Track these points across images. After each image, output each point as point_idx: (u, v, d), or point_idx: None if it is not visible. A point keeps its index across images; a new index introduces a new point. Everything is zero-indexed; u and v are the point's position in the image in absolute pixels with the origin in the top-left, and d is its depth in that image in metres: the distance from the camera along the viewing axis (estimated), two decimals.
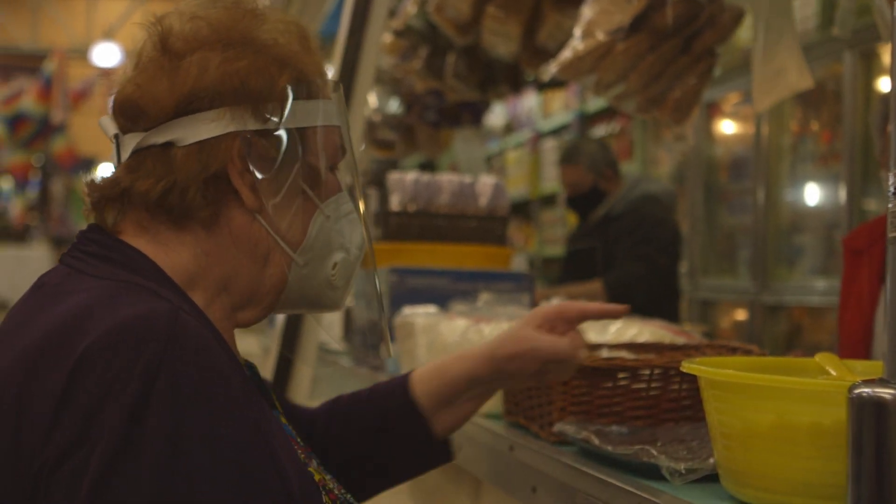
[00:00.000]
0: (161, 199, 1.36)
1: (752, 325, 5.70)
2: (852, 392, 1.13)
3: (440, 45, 4.39)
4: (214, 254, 1.40)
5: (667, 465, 1.57)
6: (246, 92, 1.37)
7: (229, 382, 1.26)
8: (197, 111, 1.37)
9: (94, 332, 1.22)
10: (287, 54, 1.41)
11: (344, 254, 1.48)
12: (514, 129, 9.08)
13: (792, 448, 1.35)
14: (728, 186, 6.22)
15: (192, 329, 1.25)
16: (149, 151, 1.37)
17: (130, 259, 1.36)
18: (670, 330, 2.41)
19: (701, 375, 1.46)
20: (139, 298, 1.28)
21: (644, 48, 2.85)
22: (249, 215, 1.40)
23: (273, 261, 1.43)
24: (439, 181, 3.42)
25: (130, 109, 1.39)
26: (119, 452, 1.17)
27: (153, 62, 1.39)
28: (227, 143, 1.37)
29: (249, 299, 1.44)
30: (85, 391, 1.19)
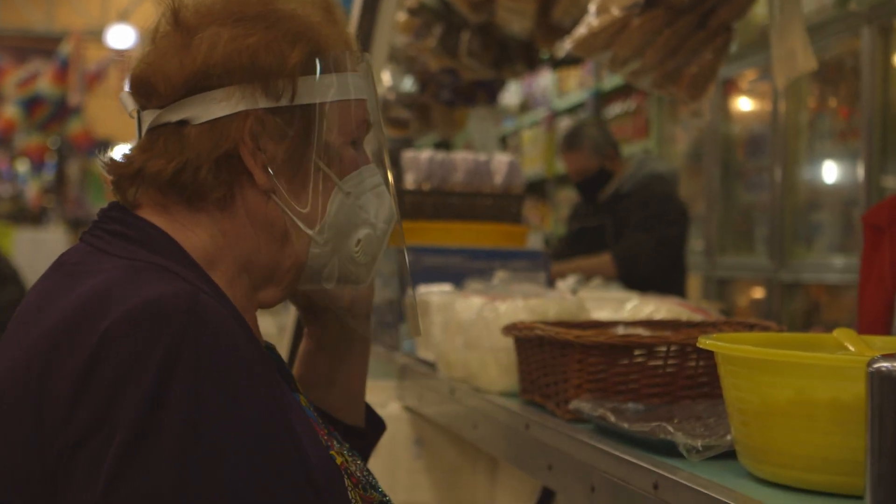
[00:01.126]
0: (173, 178, 1.35)
1: (769, 303, 5.67)
2: (871, 366, 1.12)
3: (454, 22, 4.36)
4: (231, 234, 1.38)
5: (684, 441, 1.56)
6: (256, 69, 1.35)
7: (250, 364, 1.25)
8: (208, 89, 1.35)
9: (115, 313, 1.21)
10: (305, 27, 1.38)
11: (369, 229, 1.45)
12: (530, 107, 9.04)
13: (811, 424, 1.34)
14: (745, 164, 6.18)
15: (212, 310, 1.24)
16: (163, 129, 1.36)
17: (151, 238, 1.35)
18: (687, 307, 2.40)
19: (718, 351, 1.45)
20: (159, 279, 1.27)
21: (660, 24, 2.82)
22: (264, 195, 1.38)
23: (291, 240, 1.40)
24: (454, 159, 3.41)
25: (143, 86, 1.38)
26: (140, 434, 1.16)
27: (165, 38, 1.38)
28: (239, 122, 1.35)
29: (269, 278, 1.43)
30: (105, 373, 1.18)
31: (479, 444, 2.38)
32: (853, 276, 4.98)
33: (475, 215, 3.37)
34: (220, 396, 1.20)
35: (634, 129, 7.21)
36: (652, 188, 4.92)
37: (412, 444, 3.05)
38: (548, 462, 1.92)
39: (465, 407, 2.42)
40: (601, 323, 2.20)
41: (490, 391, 2.31)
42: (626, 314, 2.40)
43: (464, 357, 2.42)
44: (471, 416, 2.38)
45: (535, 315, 2.29)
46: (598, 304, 2.49)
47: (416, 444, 3.05)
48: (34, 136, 15.32)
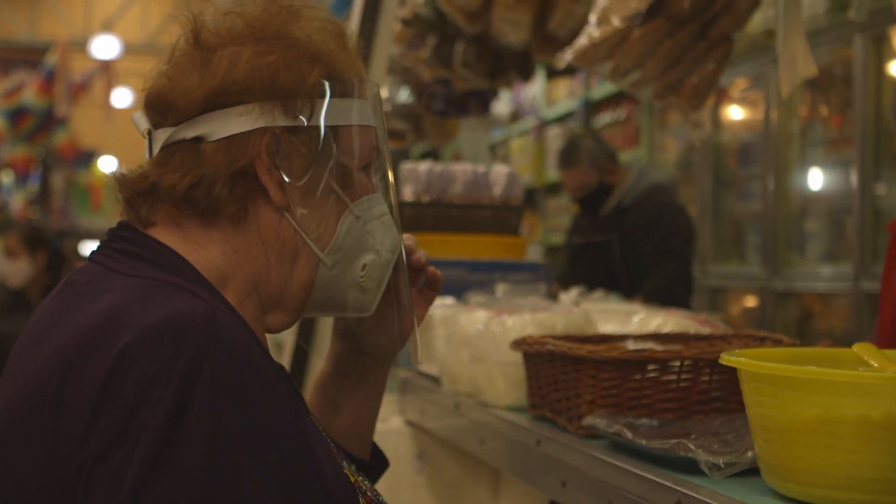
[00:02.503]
0: (188, 193, 1.35)
1: (763, 312, 5.67)
2: None
3: (448, 33, 4.35)
4: (243, 251, 1.38)
5: (705, 459, 1.55)
6: (275, 87, 1.36)
7: (269, 380, 1.25)
8: (226, 105, 1.35)
9: (132, 329, 1.20)
10: (321, 51, 1.39)
11: (374, 255, 1.45)
12: (518, 116, 9.04)
13: (838, 442, 1.32)
14: (736, 173, 6.18)
15: (230, 327, 1.24)
16: (178, 146, 1.36)
17: (162, 257, 1.34)
18: (694, 320, 2.39)
19: (742, 368, 1.43)
20: (175, 297, 1.26)
21: (661, 34, 2.81)
22: (277, 213, 1.38)
23: (301, 261, 1.41)
24: (453, 171, 3.39)
25: (161, 103, 1.38)
26: (161, 451, 1.16)
27: (185, 56, 1.38)
28: (256, 138, 1.35)
29: (278, 301, 1.42)
30: (125, 389, 1.18)
31: (486, 459, 2.36)
32: (846, 284, 5.00)
33: (474, 227, 3.35)
34: (239, 412, 1.20)
35: (625, 138, 7.21)
36: (656, 200, 4.88)
37: (414, 458, 3.04)
38: (561, 478, 1.90)
39: (470, 421, 2.40)
40: (610, 337, 2.18)
41: (497, 406, 2.30)
42: (634, 327, 2.38)
43: (470, 371, 2.41)
44: (477, 431, 2.36)
45: (542, 329, 2.27)
46: (604, 317, 2.48)
47: (417, 458, 3.03)
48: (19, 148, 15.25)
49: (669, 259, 4.68)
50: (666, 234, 4.74)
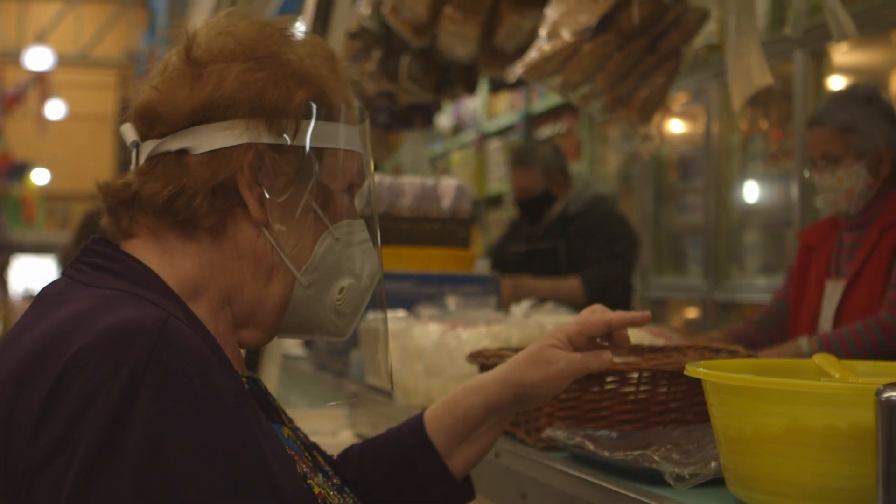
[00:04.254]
0: (167, 203, 1.36)
1: (704, 323, 5.72)
2: (881, 396, 1.12)
3: (394, 46, 4.35)
4: (218, 264, 1.38)
5: (670, 470, 1.55)
6: (262, 104, 1.36)
7: (217, 388, 1.24)
8: (213, 120, 1.36)
9: (83, 337, 1.21)
10: (311, 74, 1.40)
11: (353, 279, 1.45)
12: (459, 130, 9.06)
13: (805, 451, 1.33)
14: (677, 186, 6.24)
15: (181, 334, 1.23)
16: (163, 157, 1.37)
17: (130, 269, 1.35)
18: (648, 331, 2.40)
19: (706, 379, 1.44)
20: (130, 305, 1.26)
21: (611, 48, 2.84)
22: (256, 228, 1.39)
23: (276, 278, 1.41)
24: (401, 184, 3.39)
25: (149, 114, 1.39)
26: (100, 456, 1.15)
27: (177, 71, 1.39)
28: (239, 153, 1.36)
29: (251, 317, 1.42)
30: (70, 395, 1.18)
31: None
32: None
33: (423, 240, 3.35)
34: (184, 417, 1.19)
35: (566, 151, 7.22)
36: (601, 209, 4.91)
37: None
38: (521, 491, 1.90)
39: None
40: None
41: None
42: None
43: (424, 384, 2.40)
44: None
45: (498, 341, 2.28)
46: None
47: None
48: None
49: (612, 259, 4.73)
50: (610, 238, 4.78)
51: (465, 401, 1.61)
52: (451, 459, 1.62)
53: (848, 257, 3.11)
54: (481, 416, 1.61)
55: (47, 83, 15.41)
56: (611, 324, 1.57)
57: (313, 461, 1.46)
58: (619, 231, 4.86)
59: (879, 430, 1.11)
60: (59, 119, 18.03)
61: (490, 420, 1.61)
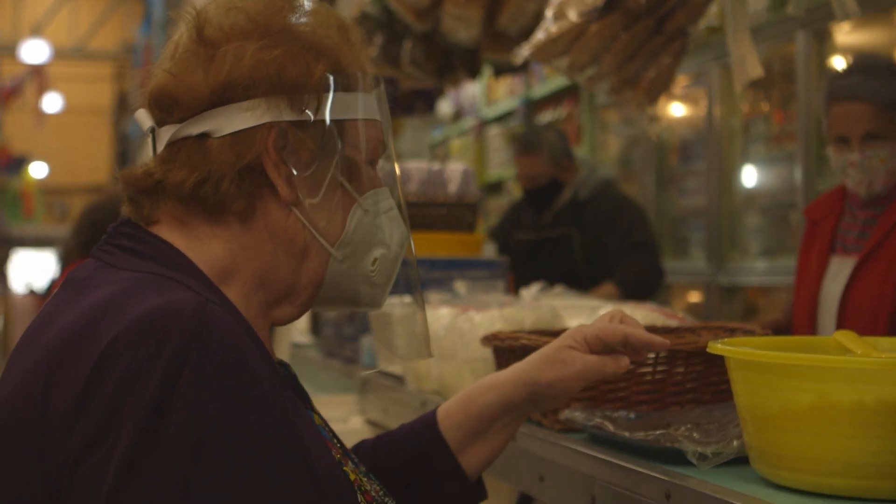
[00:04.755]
0: (194, 190, 1.33)
1: (707, 307, 5.71)
2: None
3: (397, 31, 4.33)
4: (250, 248, 1.36)
5: (692, 449, 1.54)
6: (281, 81, 1.34)
7: (257, 375, 1.22)
8: (232, 101, 1.33)
9: (119, 323, 1.18)
10: (326, 45, 1.37)
11: (384, 249, 1.43)
12: (458, 116, 9.04)
13: (832, 428, 1.32)
14: (679, 169, 6.22)
15: (219, 320, 1.21)
16: (183, 143, 1.34)
17: (161, 252, 1.32)
18: (661, 313, 2.39)
19: (732, 356, 1.43)
20: (167, 290, 1.24)
21: (617, 29, 2.82)
22: (285, 208, 1.36)
23: (311, 255, 1.39)
24: (408, 169, 3.37)
25: (165, 99, 1.36)
26: (142, 447, 1.13)
27: (188, 52, 1.36)
28: (263, 133, 1.33)
29: (286, 295, 1.40)
30: (108, 384, 1.15)
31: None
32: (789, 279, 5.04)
33: (430, 225, 3.33)
34: (224, 405, 1.17)
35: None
36: (611, 194, 4.83)
37: None
38: (539, 473, 1.89)
39: None
40: None
41: None
42: None
43: (437, 369, 2.39)
44: None
45: (511, 324, 2.26)
46: (572, 312, 2.47)
47: None
48: None
49: (641, 251, 4.65)
50: (630, 226, 4.68)
51: (479, 399, 1.60)
52: (464, 457, 1.60)
53: (860, 234, 3.00)
54: (495, 415, 1.59)
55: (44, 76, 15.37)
56: (628, 340, 1.55)
57: (342, 448, 1.45)
58: (636, 217, 4.77)
59: None
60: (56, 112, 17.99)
61: (504, 419, 1.60)
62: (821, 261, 3.08)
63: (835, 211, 3.10)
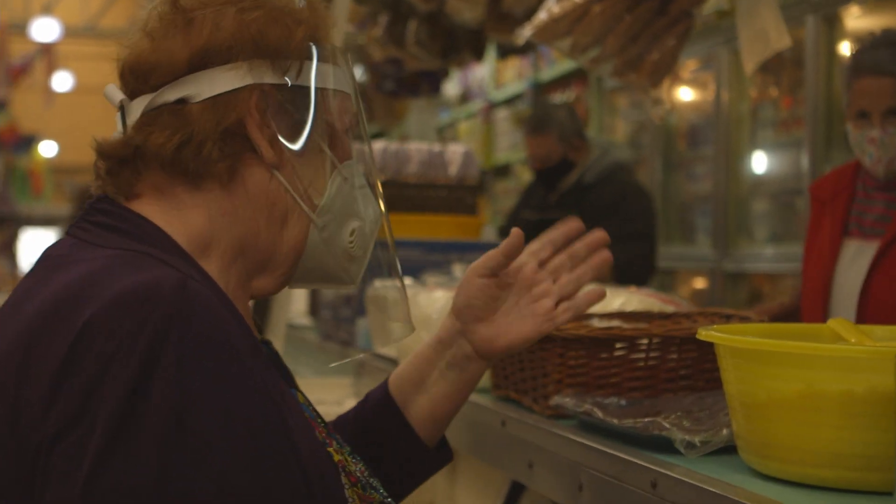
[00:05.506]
0: (176, 153, 1.31)
1: (712, 293, 5.67)
2: None
3: (401, 11, 4.29)
4: (230, 213, 1.34)
5: (680, 437, 1.51)
6: (264, 43, 1.33)
7: (239, 353, 1.19)
8: (212, 65, 1.32)
9: (98, 301, 1.16)
10: (302, 13, 1.37)
11: (360, 222, 1.42)
12: (467, 99, 9.00)
13: (820, 418, 1.29)
14: (686, 154, 6.17)
15: (201, 297, 1.19)
16: (161, 109, 1.32)
17: (138, 228, 1.30)
18: (657, 298, 2.36)
19: (721, 343, 1.40)
20: (146, 266, 1.22)
21: (620, 10, 2.79)
22: (267, 172, 1.35)
23: (292, 222, 1.37)
24: (408, 150, 3.34)
25: (142, 67, 1.34)
26: (121, 427, 1.11)
27: (164, 20, 1.34)
28: (245, 95, 1.32)
29: (266, 264, 1.39)
30: (87, 362, 1.13)
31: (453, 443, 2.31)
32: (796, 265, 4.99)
33: (430, 207, 3.30)
34: (206, 386, 1.15)
35: None
36: (617, 180, 4.69)
37: None
38: (528, 460, 1.86)
39: None
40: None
41: None
42: (597, 306, 2.34)
43: None
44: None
45: None
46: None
47: None
48: None
49: (634, 241, 4.54)
50: (628, 216, 4.55)
51: (421, 344, 1.61)
52: (409, 411, 1.59)
53: (881, 217, 2.86)
54: (431, 354, 1.59)
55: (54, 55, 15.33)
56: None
57: (326, 427, 1.43)
58: (638, 206, 4.63)
59: None
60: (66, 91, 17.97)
61: (440, 362, 1.59)
62: (834, 243, 2.95)
63: (846, 190, 2.96)
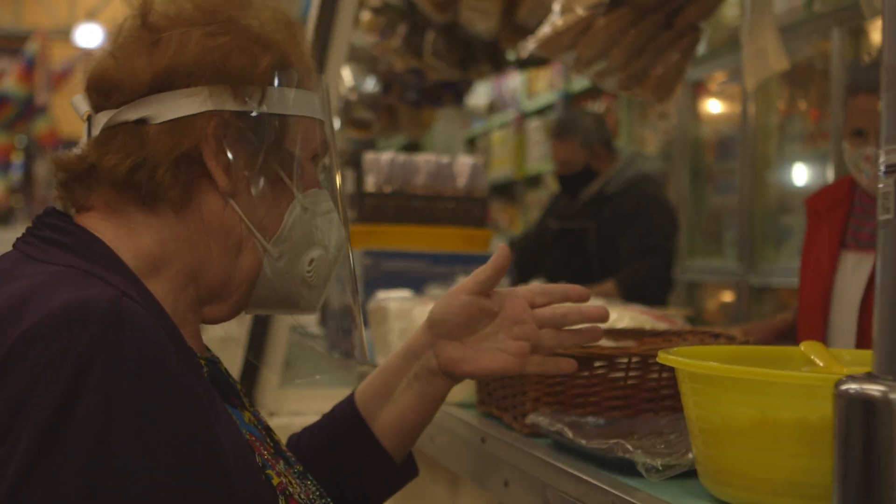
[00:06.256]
0: (128, 175, 1.30)
1: (738, 307, 5.61)
2: (839, 388, 1.04)
3: (419, 22, 4.28)
4: (183, 240, 1.33)
5: (643, 461, 1.49)
6: (226, 70, 1.32)
7: (171, 375, 1.17)
8: (174, 87, 1.31)
9: (30, 318, 1.14)
10: (273, 39, 1.36)
11: (322, 251, 1.41)
12: (499, 109, 8.97)
13: (775, 445, 1.26)
14: (714, 166, 6.12)
15: (135, 316, 1.17)
16: (120, 128, 1.31)
17: (84, 244, 1.29)
18: (651, 315, 2.33)
19: (678, 367, 1.37)
20: (84, 283, 1.20)
21: (625, 23, 2.75)
22: (222, 200, 1.33)
23: (246, 251, 1.36)
24: (416, 161, 3.33)
25: (105, 84, 1.33)
26: (43, 449, 1.09)
27: (132, 37, 1.34)
28: (203, 121, 1.31)
29: (219, 292, 1.37)
30: (15, 380, 1.11)
31: (437, 458, 2.30)
32: None
33: (437, 218, 3.28)
34: (133, 408, 1.13)
35: None
36: (639, 191, 4.60)
37: None
38: (504, 478, 1.84)
39: None
40: None
41: (448, 402, 2.22)
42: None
43: None
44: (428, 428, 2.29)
45: None
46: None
47: None
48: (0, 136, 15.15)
49: (650, 255, 4.44)
50: (647, 229, 4.48)
51: (390, 357, 1.59)
52: (376, 423, 1.57)
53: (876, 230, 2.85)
54: (399, 364, 1.57)
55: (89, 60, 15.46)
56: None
57: (274, 446, 1.41)
58: (657, 219, 4.55)
59: (836, 424, 1.04)
60: None
61: (408, 372, 1.57)
62: (832, 255, 2.93)
63: (844, 203, 2.94)
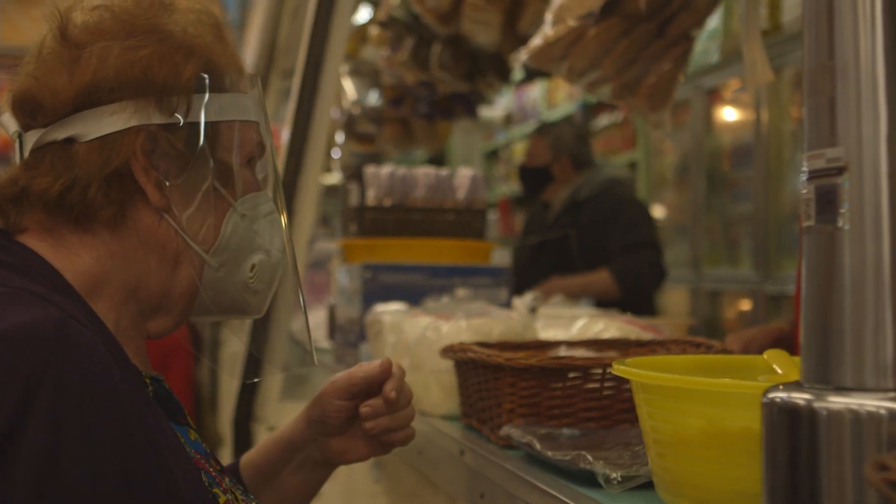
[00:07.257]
0: (60, 197, 1.29)
1: (755, 316, 5.58)
2: (766, 396, 1.04)
3: (425, 35, 4.29)
4: (120, 256, 1.32)
5: (602, 472, 1.48)
6: (149, 83, 1.30)
7: (119, 396, 1.18)
8: (98, 104, 1.30)
9: None
10: (196, 44, 1.34)
11: (263, 255, 1.40)
12: (519, 120, 8.98)
13: (724, 455, 1.26)
14: (730, 175, 6.09)
15: (81, 338, 1.17)
16: (48, 148, 1.31)
17: (24, 262, 1.28)
18: (638, 325, 2.32)
19: (630, 378, 1.37)
20: (26, 306, 1.20)
21: (616, 33, 2.75)
22: (157, 215, 1.33)
23: (184, 263, 1.35)
24: (415, 174, 3.33)
25: (29, 104, 1.33)
26: None
27: (52, 54, 1.32)
28: (130, 137, 1.30)
29: (159, 305, 1.37)
30: None
31: (423, 470, 2.30)
32: None
33: (437, 231, 3.29)
34: (81, 432, 1.13)
35: (622, 141, 7.13)
36: (611, 193, 4.79)
37: (371, 467, 2.98)
38: (480, 490, 1.84)
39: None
40: (543, 344, 2.12)
41: (433, 414, 2.24)
42: (574, 333, 2.32)
43: (410, 379, 2.34)
44: (416, 441, 2.29)
45: (478, 335, 2.21)
46: (549, 323, 2.41)
47: (375, 467, 2.98)
48: None
49: (641, 248, 4.61)
50: (630, 225, 4.65)
51: (275, 435, 1.58)
52: (260, 499, 1.55)
53: None
54: (282, 451, 1.57)
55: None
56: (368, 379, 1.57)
57: (219, 465, 1.42)
58: (638, 216, 4.72)
59: (763, 434, 1.03)
60: None
61: (292, 461, 1.57)
62: None
63: None
